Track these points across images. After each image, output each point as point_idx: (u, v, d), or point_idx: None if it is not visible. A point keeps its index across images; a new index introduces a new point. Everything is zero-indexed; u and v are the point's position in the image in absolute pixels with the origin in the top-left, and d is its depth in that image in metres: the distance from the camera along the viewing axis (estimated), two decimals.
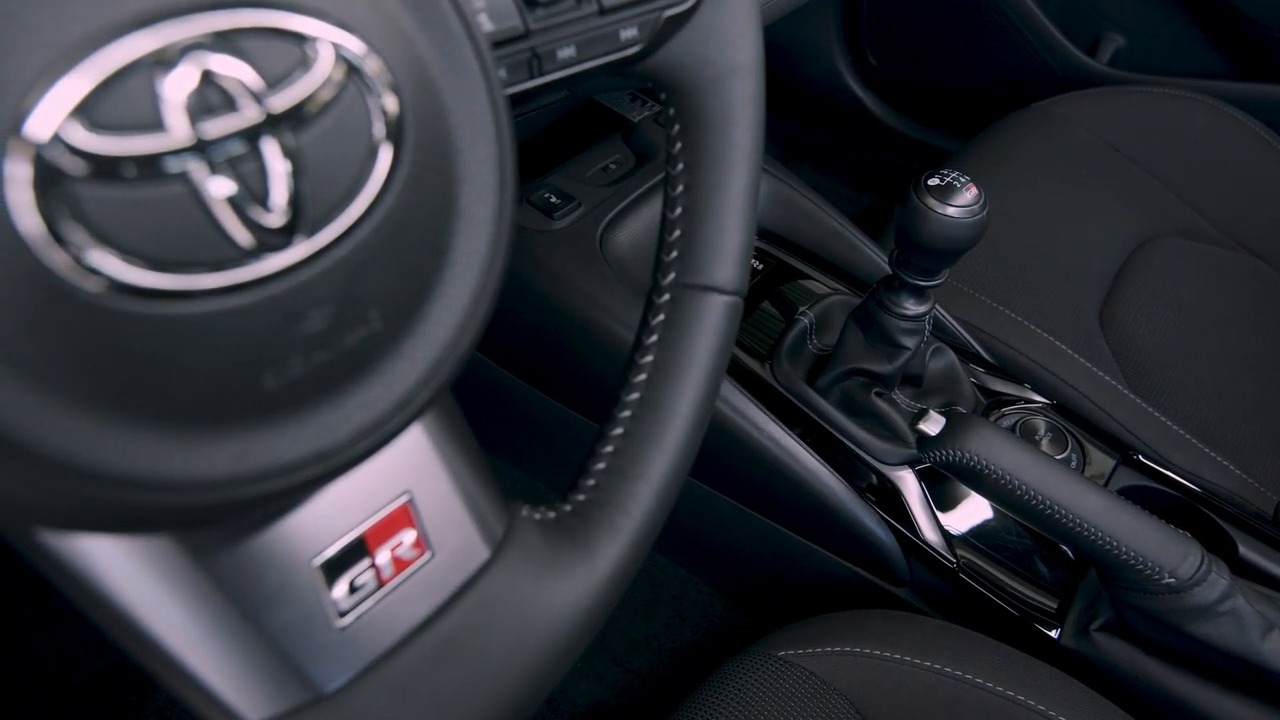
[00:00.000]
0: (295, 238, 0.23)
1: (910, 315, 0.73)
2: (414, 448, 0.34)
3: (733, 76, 0.39)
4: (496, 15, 0.33)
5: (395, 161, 0.25)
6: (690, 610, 1.02)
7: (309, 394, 0.25)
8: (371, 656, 0.31)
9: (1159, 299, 1.00)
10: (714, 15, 0.39)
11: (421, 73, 0.26)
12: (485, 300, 0.29)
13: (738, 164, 0.40)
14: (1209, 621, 0.61)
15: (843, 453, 0.76)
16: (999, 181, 1.08)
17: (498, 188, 0.28)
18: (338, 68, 0.23)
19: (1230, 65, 1.30)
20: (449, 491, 0.34)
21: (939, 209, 0.65)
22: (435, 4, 0.26)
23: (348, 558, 0.31)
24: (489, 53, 0.28)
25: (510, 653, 0.33)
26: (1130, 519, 0.62)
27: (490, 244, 0.28)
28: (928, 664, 0.64)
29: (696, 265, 0.40)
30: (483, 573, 0.34)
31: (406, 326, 0.27)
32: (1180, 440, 0.84)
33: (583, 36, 0.36)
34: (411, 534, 0.33)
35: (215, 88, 0.21)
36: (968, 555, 0.73)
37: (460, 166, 0.27)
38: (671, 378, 0.39)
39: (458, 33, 0.27)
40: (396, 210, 0.25)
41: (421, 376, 0.27)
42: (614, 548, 0.37)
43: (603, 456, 0.39)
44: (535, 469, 1.07)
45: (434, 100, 0.26)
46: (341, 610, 0.31)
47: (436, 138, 0.26)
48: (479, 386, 0.95)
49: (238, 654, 0.29)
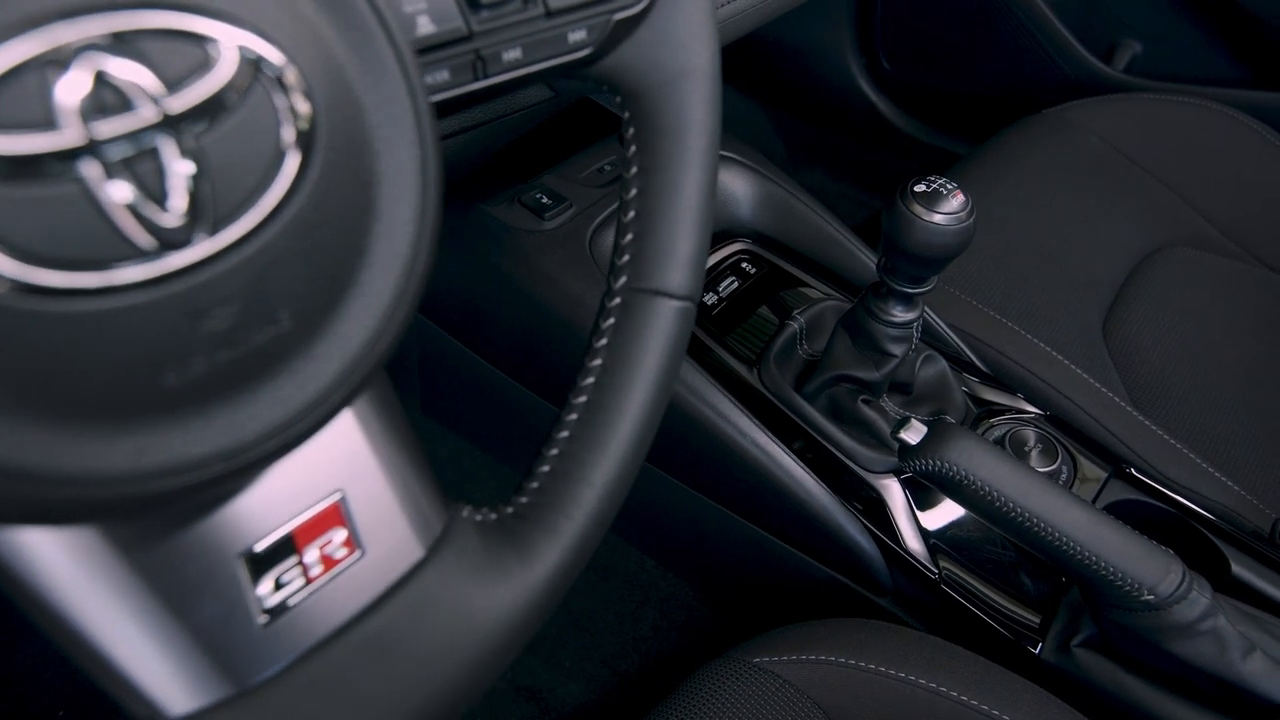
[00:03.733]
0: (196, 237, 0.23)
1: (898, 322, 0.72)
2: (349, 446, 0.34)
3: (685, 80, 0.39)
4: (439, 17, 0.33)
5: (306, 163, 0.25)
6: (677, 613, 1.02)
7: (214, 392, 0.25)
8: (295, 653, 0.31)
9: (1166, 309, 0.99)
10: (666, 19, 0.39)
11: (337, 75, 0.26)
12: (406, 301, 0.29)
13: (691, 168, 0.40)
14: (1189, 640, 0.60)
15: (828, 459, 0.75)
16: (1007, 187, 1.07)
17: (419, 189, 0.28)
18: (243, 70, 0.24)
19: (1248, 73, 1.27)
20: (384, 490, 0.34)
21: (925, 216, 0.64)
22: (352, 6, 0.26)
23: (274, 554, 0.31)
24: (410, 54, 0.28)
25: (439, 653, 0.33)
26: (1111, 534, 0.61)
27: (412, 245, 0.28)
28: (902, 675, 0.64)
29: (647, 270, 0.40)
30: (415, 573, 0.34)
31: (320, 327, 0.27)
32: (1177, 454, 0.83)
33: (529, 39, 0.36)
34: (342, 533, 0.33)
35: (111, 88, 0.22)
36: (951, 567, 0.72)
37: (380, 168, 0.27)
38: (618, 382, 0.39)
39: (376, 35, 0.27)
40: (308, 211, 0.25)
41: (336, 377, 0.27)
42: (553, 551, 0.37)
43: (547, 459, 0.39)
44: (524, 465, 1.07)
45: (350, 102, 0.26)
46: (266, 607, 0.31)
47: (353, 140, 0.26)
48: (469, 384, 0.96)
49: (159, 647, 0.29)
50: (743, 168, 0.89)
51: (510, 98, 0.64)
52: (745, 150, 0.91)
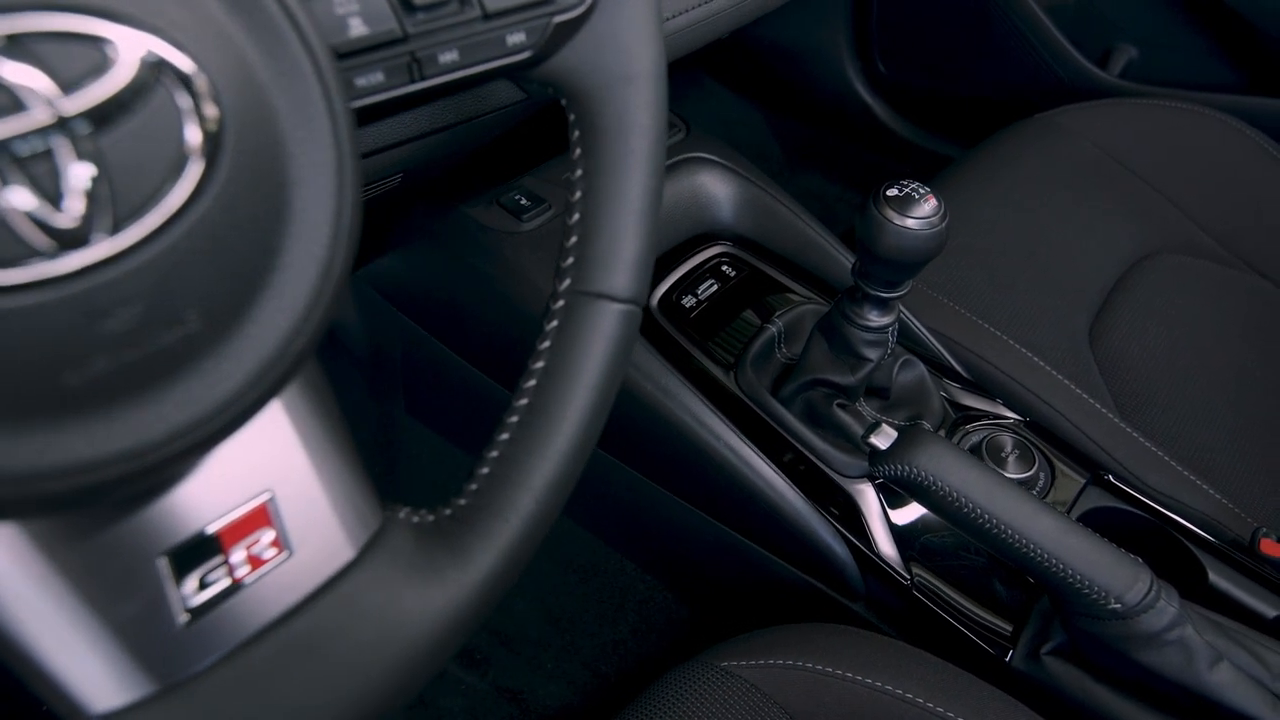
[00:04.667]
0: (94, 237, 0.23)
1: (873, 327, 0.72)
2: (282, 446, 0.34)
3: (628, 84, 0.39)
4: (372, 19, 0.33)
5: (212, 165, 0.25)
6: (657, 616, 1.02)
7: (119, 392, 0.25)
8: (218, 653, 0.31)
9: (1153, 316, 0.98)
10: (608, 22, 0.39)
11: (247, 77, 0.26)
12: (322, 303, 0.29)
13: (634, 171, 0.40)
14: (1156, 649, 0.59)
15: (802, 463, 0.75)
16: (996, 191, 1.06)
17: (335, 191, 0.28)
18: (143, 72, 0.24)
19: (1243, 79, 1.26)
20: (315, 491, 0.34)
21: (897, 220, 0.64)
22: (263, 9, 0.27)
23: (199, 554, 0.31)
24: (326, 56, 0.28)
25: (366, 655, 0.33)
26: (1079, 542, 0.61)
27: (328, 247, 0.28)
28: (869, 681, 0.63)
29: (591, 272, 0.40)
30: (345, 574, 0.34)
31: (230, 328, 0.27)
32: (1157, 461, 0.82)
33: (466, 41, 0.36)
34: (270, 533, 0.33)
35: (4, 90, 0.22)
36: (923, 573, 0.72)
37: (294, 171, 0.27)
38: (560, 385, 0.39)
39: (288, 37, 0.27)
40: (215, 213, 0.25)
41: (249, 378, 0.27)
42: (488, 554, 0.37)
43: (488, 462, 0.39)
44: None
45: (261, 104, 0.26)
46: (189, 606, 0.31)
47: (264, 142, 0.27)
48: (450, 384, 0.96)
49: (81, 644, 0.30)
50: (724, 170, 0.89)
51: (481, 99, 0.64)
52: (727, 152, 0.91)
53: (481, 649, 1.02)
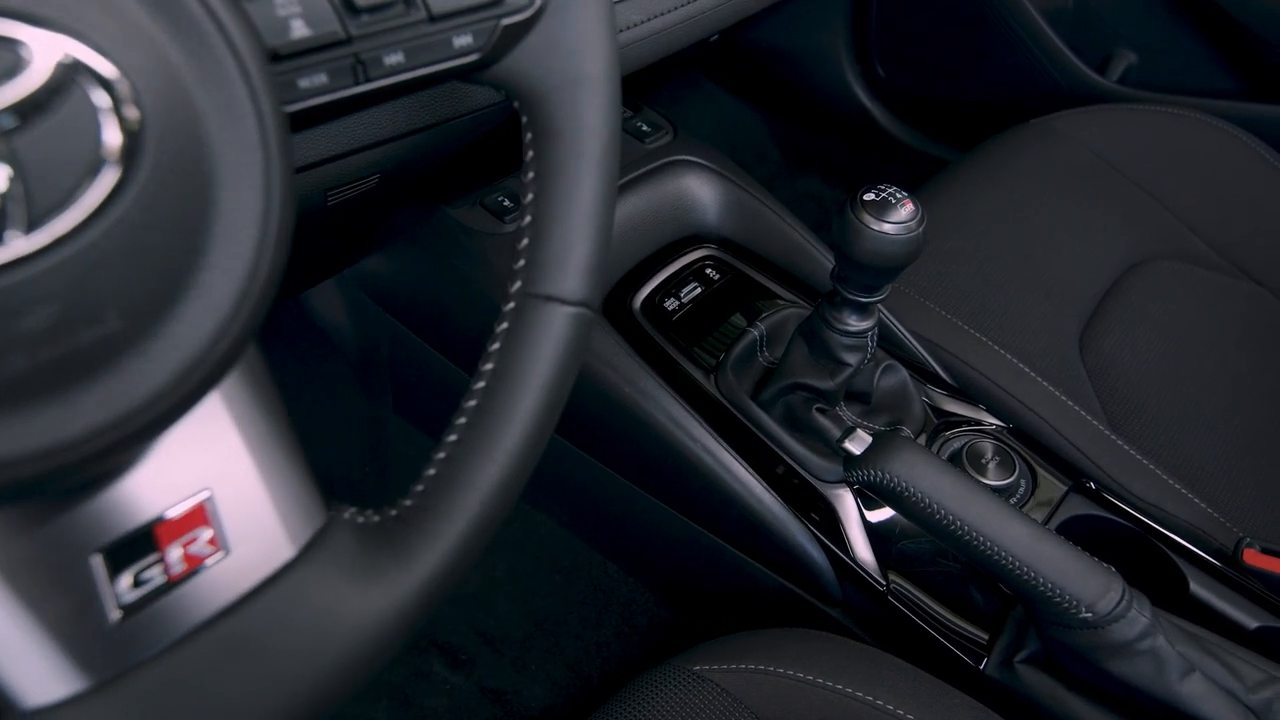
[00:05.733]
0: (7, 235, 0.24)
1: (853, 331, 0.71)
2: (222, 444, 0.34)
3: (578, 87, 0.39)
4: (314, 21, 0.33)
5: (132, 165, 0.25)
6: (639, 618, 1.02)
7: (35, 390, 0.25)
8: (151, 650, 0.31)
9: (1146, 322, 0.97)
10: (558, 25, 0.39)
11: (169, 79, 0.26)
12: (250, 302, 0.29)
13: (585, 174, 0.40)
14: (1127, 659, 0.59)
15: (780, 467, 0.75)
16: (989, 196, 1.06)
17: (263, 192, 0.28)
18: (59, 73, 0.24)
19: (1243, 86, 1.25)
20: (256, 489, 0.34)
21: (874, 225, 0.64)
22: (186, 11, 0.27)
23: (135, 551, 0.31)
24: (252, 56, 0.28)
25: (301, 654, 0.34)
26: (1051, 550, 0.60)
27: (255, 247, 0.28)
28: (840, 687, 0.63)
29: (541, 275, 0.40)
30: (284, 573, 0.34)
31: (152, 328, 0.27)
32: (1142, 469, 0.82)
33: (411, 43, 0.36)
34: (208, 531, 0.33)
35: None
36: (900, 580, 0.71)
37: (219, 171, 0.28)
38: (508, 387, 0.39)
39: (212, 39, 0.27)
40: (135, 213, 0.26)
41: (172, 377, 0.27)
42: (431, 555, 0.37)
43: (435, 463, 0.39)
44: None
45: (185, 105, 0.27)
46: (123, 603, 0.31)
47: (188, 143, 0.27)
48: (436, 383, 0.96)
49: (12, 640, 0.30)
50: (710, 173, 0.89)
51: (457, 101, 0.64)
52: (714, 155, 0.91)
53: (467, 649, 1.02)
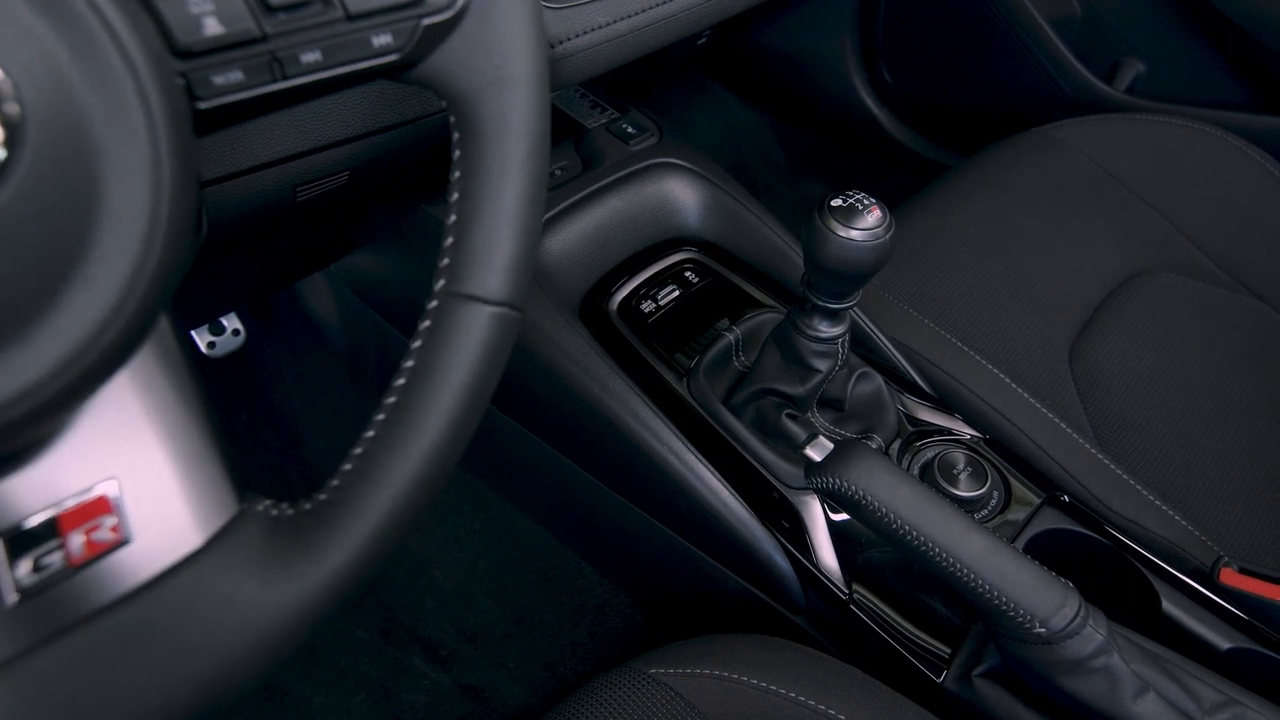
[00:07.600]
0: None
1: (823, 338, 0.71)
2: (133, 433, 0.34)
3: (503, 88, 0.39)
4: (227, 18, 0.34)
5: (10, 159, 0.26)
6: (614, 619, 1.02)
7: None
8: (43, 634, 0.32)
9: (1139, 335, 0.96)
10: (481, 26, 0.39)
11: (51, 74, 0.27)
12: (138, 295, 0.29)
13: (510, 174, 0.40)
14: (1080, 677, 0.58)
15: (748, 473, 0.74)
16: (984, 204, 1.05)
17: (151, 186, 0.29)
18: None
19: (1252, 98, 1.23)
20: (164, 478, 0.35)
21: (841, 231, 0.63)
22: (72, 9, 0.27)
23: (35, 537, 0.32)
24: (140, 52, 0.28)
25: (199, 643, 0.34)
26: (1007, 563, 0.60)
27: (142, 240, 0.29)
28: (793, 695, 0.63)
29: (463, 274, 0.40)
30: (187, 562, 0.35)
31: (34, 317, 0.27)
32: (1121, 484, 0.80)
33: (329, 42, 0.36)
34: (111, 519, 0.34)
35: None
36: (863, 590, 0.71)
37: (105, 165, 0.28)
38: (426, 385, 0.40)
39: (98, 35, 0.27)
40: (15, 204, 0.26)
41: (53, 367, 0.28)
42: (339, 550, 0.37)
43: (351, 458, 0.39)
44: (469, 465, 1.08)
45: (67, 100, 0.27)
46: (21, 586, 0.32)
47: (70, 137, 0.27)
48: None
49: None
50: (693, 175, 0.89)
51: (425, 100, 0.65)
52: (697, 158, 0.91)
53: (447, 645, 1.03)
